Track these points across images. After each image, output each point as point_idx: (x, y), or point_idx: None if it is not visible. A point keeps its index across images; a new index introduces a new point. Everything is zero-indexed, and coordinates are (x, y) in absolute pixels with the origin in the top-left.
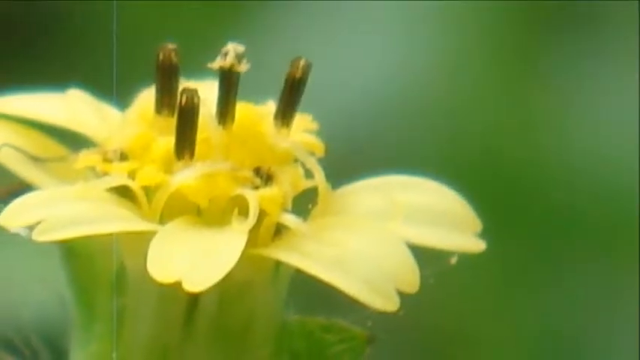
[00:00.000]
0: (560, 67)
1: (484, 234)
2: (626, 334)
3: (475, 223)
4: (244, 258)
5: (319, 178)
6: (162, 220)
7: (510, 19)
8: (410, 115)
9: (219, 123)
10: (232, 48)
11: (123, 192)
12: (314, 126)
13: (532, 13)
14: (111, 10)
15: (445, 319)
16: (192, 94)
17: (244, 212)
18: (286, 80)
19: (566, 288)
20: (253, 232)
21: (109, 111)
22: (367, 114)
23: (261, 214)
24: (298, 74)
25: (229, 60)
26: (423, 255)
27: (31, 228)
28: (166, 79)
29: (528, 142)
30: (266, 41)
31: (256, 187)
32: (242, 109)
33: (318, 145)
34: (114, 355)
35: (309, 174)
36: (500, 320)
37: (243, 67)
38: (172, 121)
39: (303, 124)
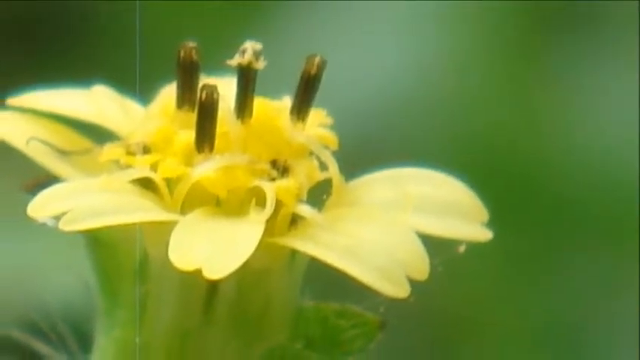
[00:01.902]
0: (562, 65)
1: (491, 224)
2: (626, 320)
3: (482, 213)
4: (262, 247)
5: (333, 171)
6: (183, 211)
7: (515, 20)
8: (419, 111)
9: (238, 118)
10: (250, 46)
11: (145, 184)
12: (328, 121)
13: (536, 14)
14: (134, 9)
15: (453, 305)
16: (211, 90)
17: (261, 203)
18: (302, 76)
19: (568, 276)
20: (270, 222)
21: (132, 106)
22: (378, 110)
23: (278, 205)
24: (313, 71)
25: (247, 57)
26: (432, 244)
27: (57, 218)
28: (187, 75)
29: (532, 137)
30: (282, 40)
31: (273, 179)
32: (259, 104)
33: (332, 139)
34: (137, 339)
35: (323, 166)
36: (505, 306)
37: (261, 64)
38: (193, 116)
39: (317, 118)
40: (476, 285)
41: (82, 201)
